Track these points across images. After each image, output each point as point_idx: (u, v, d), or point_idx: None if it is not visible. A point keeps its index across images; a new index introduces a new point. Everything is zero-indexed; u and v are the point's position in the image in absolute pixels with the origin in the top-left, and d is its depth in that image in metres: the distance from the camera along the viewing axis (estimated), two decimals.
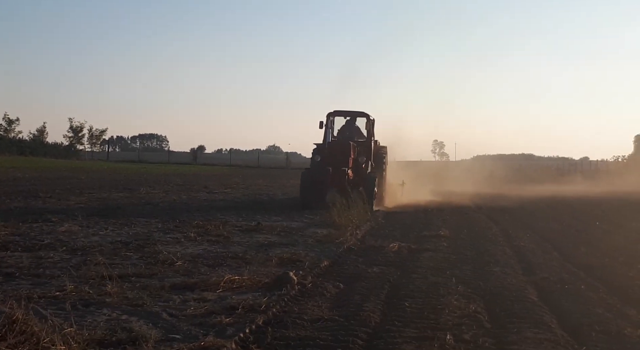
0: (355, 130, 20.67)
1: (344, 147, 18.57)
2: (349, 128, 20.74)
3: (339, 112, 20.48)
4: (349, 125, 20.78)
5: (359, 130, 20.62)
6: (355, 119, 20.76)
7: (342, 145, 18.83)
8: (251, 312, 6.05)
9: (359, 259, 9.41)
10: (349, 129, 20.69)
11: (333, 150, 18.54)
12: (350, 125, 20.77)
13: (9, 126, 64.19)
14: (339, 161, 17.92)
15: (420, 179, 26.14)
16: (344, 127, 20.84)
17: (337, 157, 18.07)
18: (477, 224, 15.35)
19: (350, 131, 20.60)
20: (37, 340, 4.61)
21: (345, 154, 18.30)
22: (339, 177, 17.53)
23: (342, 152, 18.34)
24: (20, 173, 30.14)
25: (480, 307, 6.52)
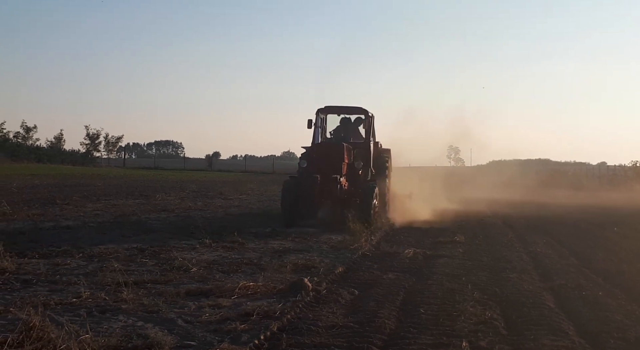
0: (352, 130, 17.20)
1: (335, 150, 14.93)
2: (344, 128, 17.24)
3: (331, 108, 16.85)
4: (344, 125, 17.28)
5: (357, 131, 17.10)
6: (352, 118, 17.37)
7: (333, 147, 15.26)
8: (266, 319, 6.06)
9: (374, 265, 9.38)
10: (345, 129, 17.19)
11: (322, 154, 14.90)
12: (345, 125, 17.27)
13: (27, 134, 64.98)
14: (329, 167, 14.52)
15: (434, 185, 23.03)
16: (339, 127, 17.40)
17: (327, 163, 14.61)
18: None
19: (345, 132, 17.11)
20: (53, 347, 4.65)
21: (337, 158, 14.73)
22: (329, 187, 14.24)
23: (334, 156, 14.76)
24: (38, 180, 30.47)
25: (497, 314, 6.47)
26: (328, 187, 14.24)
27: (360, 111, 16.67)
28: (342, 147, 14.93)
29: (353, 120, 17.27)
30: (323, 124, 16.96)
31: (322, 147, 15.47)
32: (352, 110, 16.90)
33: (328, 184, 14.23)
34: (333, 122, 17.60)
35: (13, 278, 7.70)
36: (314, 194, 14.11)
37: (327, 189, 14.23)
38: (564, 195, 30.78)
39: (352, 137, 16.80)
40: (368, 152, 16.10)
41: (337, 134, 17.16)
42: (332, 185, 14.28)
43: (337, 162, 14.68)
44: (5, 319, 5.67)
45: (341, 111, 17.11)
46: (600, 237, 13.90)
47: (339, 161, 14.71)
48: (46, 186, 26.36)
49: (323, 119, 16.91)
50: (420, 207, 17.93)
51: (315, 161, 14.82)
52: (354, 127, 17.16)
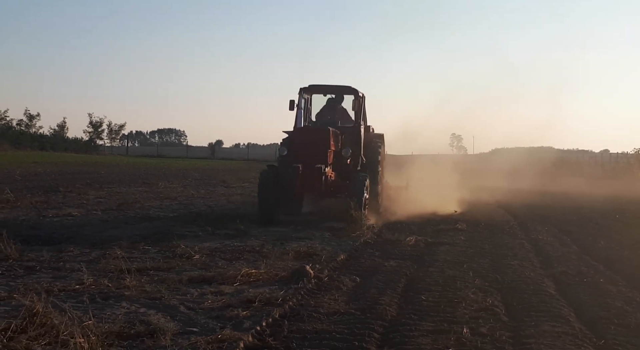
0: (340, 112, 15.05)
1: (319, 136, 12.96)
2: (331, 110, 15.04)
3: (316, 87, 14.78)
4: (331, 107, 15.07)
5: (346, 114, 14.98)
6: (340, 98, 15.10)
7: (316, 132, 13.34)
8: (268, 306, 6.09)
9: (376, 253, 9.41)
10: (331, 112, 15.00)
11: (304, 141, 12.89)
12: (332, 107, 15.06)
13: (30, 122, 64.99)
14: (312, 155, 12.57)
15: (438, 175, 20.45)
16: (324, 109, 15.15)
17: (310, 150, 12.63)
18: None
19: (332, 114, 14.93)
20: (56, 333, 4.68)
21: (321, 144, 12.76)
22: (312, 179, 12.35)
23: (317, 143, 12.77)
24: (41, 168, 30.53)
25: (498, 301, 6.50)
26: (311, 179, 12.33)
27: (349, 91, 14.58)
28: (327, 132, 12.93)
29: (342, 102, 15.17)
30: (307, 105, 14.88)
31: (304, 132, 13.40)
32: (340, 89, 14.83)
33: (311, 174, 12.32)
34: (320, 104, 15.42)
35: (16, 265, 7.74)
36: (295, 186, 12.30)
37: (309, 181, 12.33)
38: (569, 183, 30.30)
39: (340, 120, 14.73)
40: (358, 138, 14.04)
41: (323, 116, 14.99)
42: (315, 177, 12.34)
43: (321, 150, 12.71)
44: (9, 305, 5.72)
45: (327, 91, 15.00)
46: (602, 225, 13.91)
47: (323, 148, 12.75)
48: (49, 174, 26.42)
49: (307, 100, 14.80)
50: (418, 199, 16.02)
51: (296, 148, 12.90)
52: (342, 109, 15.05)
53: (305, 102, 14.64)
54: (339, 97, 15.00)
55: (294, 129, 13.52)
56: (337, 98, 15.01)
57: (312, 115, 15.13)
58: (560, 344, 5.11)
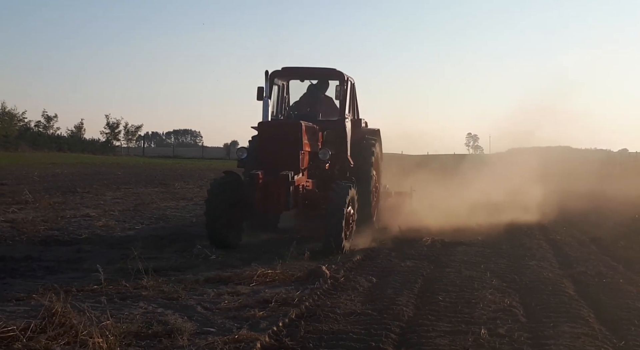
0: (324, 103, 11.78)
1: (288, 132, 9.89)
2: (311, 100, 11.78)
3: (290, 70, 11.61)
4: (311, 96, 11.82)
5: (332, 105, 11.66)
6: (324, 84, 11.90)
7: (284, 127, 10.22)
8: (284, 306, 6.09)
9: (392, 253, 9.37)
10: (312, 102, 11.73)
11: (269, 139, 9.87)
12: (313, 96, 11.82)
13: (48, 123, 65.58)
14: (279, 158, 9.59)
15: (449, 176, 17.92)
16: (303, 99, 11.93)
17: (275, 152, 9.68)
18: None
19: (313, 105, 11.66)
20: (75, 333, 4.72)
21: (291, 144, 9.73)
22: (276, 190, 9.28)
23: (286, 142, 9.75)
24: (59, 169, 30.82)
25: (516, 301, 6.44)
26: (274, 190, 9.25)
27: (332, 75, 11.45)
28: (298, 128, 9.80)
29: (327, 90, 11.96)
30: (282, 94, 11.73)
31: (269, 128, 10.04)
32: (321, 73, 11.70)
33: (274, 184, 9.24)
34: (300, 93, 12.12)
35: (36, 265, 7.82)
36: (254, 201, 9.34)
37: (272, 193, 9.26)
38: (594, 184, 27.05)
39: (323, 112, 11.49)
40: (343, 135, 11.02)
41: (300, 108, 11.68)
42: (279, 187, 9.22)
43: (290, 151, 9.63)
44: (29, 305, 5.77)
45: (305, 75, 11.80)
46: (620, 225, 13.74)
47: (293, 149, 9.66)
48: (67, 175, 26.65)
49: (282, 87, 11.72)
50: (427, 210, 12.98)
51: (260, 150, 9.85)
52: (326, 98, 11.83)
53: (279, 89, 11.58)
54: (323, 84, 11.82)
55: (258, 124, 10.09)
56: (320, 85, 11.81)
57: (289, 106, 11.90)
58: (580, 345, 5.05)
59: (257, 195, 9.27)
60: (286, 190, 9.24)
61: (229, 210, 9.38)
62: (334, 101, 11.61)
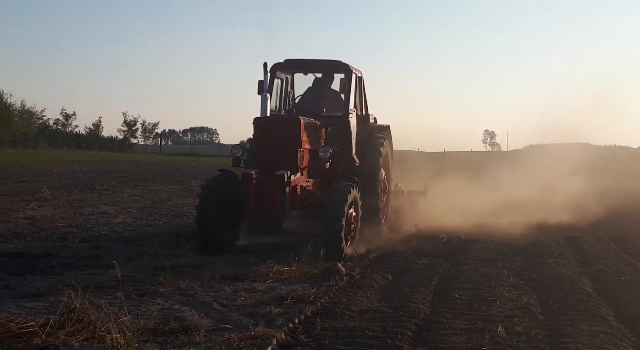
0: (329, 98, 11.04)
1: (286, 129, 9.37)
2: (315, 94, 11.13)
3: (292, 62, 10.95)
4: (316, 90, 11.17)
5: (339, 100, 10.84)
6: (330, 78, 11.19)
7: (282, 124, 9.69)
8: (300, 303, 6.10)
9: (408, 250, 9.34)
10: (316, 97, 11.06)
11: (266, 136, 9.36)
12: (318, 90, 11.15)
13: (66, 121, 66.33)
14: (276, 157, 9.10)
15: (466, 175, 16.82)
16: (307, 93, 11.28)
17: (273, 149, 9.18)
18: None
19: (317, 100, 10.97)
20: (93, 329, 4.78)
21: (288, 141, 9.21)
22: (271, 191, 8.74)
23: (283, 139, 9.21)
24: (77, 166, 31.10)
25: (533, 299, 6.40)
26: (270, 191, 8.70)
27: (338, 67, 10.80)
28: (296, 124, 9.27)
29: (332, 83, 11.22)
30: (286, 88, 11.13)
31: (266, 124, 9.48)
32: (326, 65, 11.01)
33: (269, 185, 8.69)
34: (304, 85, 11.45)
35: (54, 262, 7.92)
36: (247, 202, 8.77)
37: (267, 194, 8.71)
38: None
39: (327, 108, 10.73)
40: (347, 131, 10.35)
41: (304, 103, 11.11)
42: (274, 188, 8.68)
43: (288, 149, 9.13)
44: (48, 301, 5.84)
45: (308, 68, 11.14)
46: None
47: (291, 147, 9.15)
48: (85, 172, 26.89)
49: (285, 82, 11.11)
50: (442, 210, 12.53)
51: (257, 147, 9.46)
52: (332, 93, 11.10)
53: (282, 84, 10.98)
54: (328, 77, 11.17)
55: (254, 120, 9.44)
56: (325, 78, 11.16)
57: (290, 100, 11.24)
58: (598, 343, 5.01)
59: (251, 196, 8.65)
60: (282, 190, 8.63)
61: (222, 213, 8.77)
62: (340, 96, 10.78)
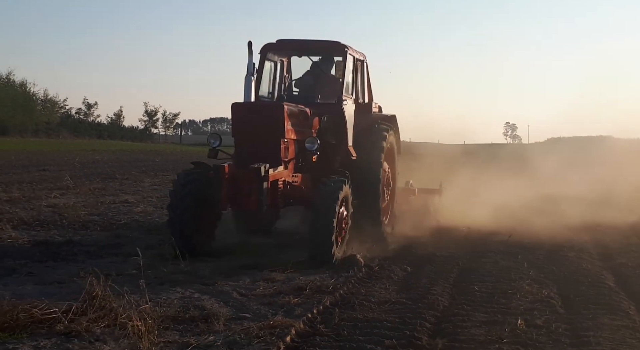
0: (328, 83, 9.77)
1: (267, 116, 8.28)
2: (311, 80, 9.96)
3: (285, 43, 9.73)
4: (312, 75, 10.00)
5: (338, 86, 9.33)
6: (329, 61, 10.00)
7: (263, 110, 8.52)
8: (318, 293, 6.12)
9: (427, 242, 9.30)
10: (311, 82, 9.93)
11: (246, 124, 8.30)
12: (315, 75, 9.98)
13: (88, 110, 66.97)
14: (256, 148, 8.12)
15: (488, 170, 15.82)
16: (303, 79, 10.13)
17: (253, 139, 8.20)
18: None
19: (312, 86, 9.89)
20: (115, 316, 4.84)
21: (270, 130, 8.16)
22: (247, 186, 7.71)
23: (265, 128, 8.16)
24: (99, 156, 31.43)
25: (554, 292, 6.35)
26: (246, 187, 7.68)
27: (335, 49, 9.57)
28: (278, 111, 8.23)
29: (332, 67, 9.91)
30: (280, 72, 9.93)
31: (243, 110, 8.29)
32: (322, 47, 9.78)
33: (245, 179, 7.68)
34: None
35: (77, 249, 8.01)
36: (219, 199, 7.76)
37: (243, 191, 7.72)
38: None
39: (324, 94, 9.68)
40: (341, 120, 9.13)
41: (300, 88, 10.09)
42: (250, 184, 7.64)
43: (270, 139, 8.11)
44: (70, 288, 5.91)
45: (303, 49, 9.95)
46: None
47: (273, 137, 8.12)
48: (106, 161, 27.16)
49: (279, 65, 9.92)
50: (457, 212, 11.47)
51: (236, 137, 8.39)
52: (331, 78, 9.83)
53: (275, 67, 9.82)
54: (327, 61, 9.98)
55: (231, 106, 8.31)
56: (324, 62, 9.98)
57: (286, 85, 10.08)
58: (620, 337, 4.96)
59: (224, 192, 7.66)
60: (259, 187, 7.56)
61: (197, 212, 7.77)
62: (340, 82, 9.32)
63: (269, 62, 9.60)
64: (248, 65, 8.40)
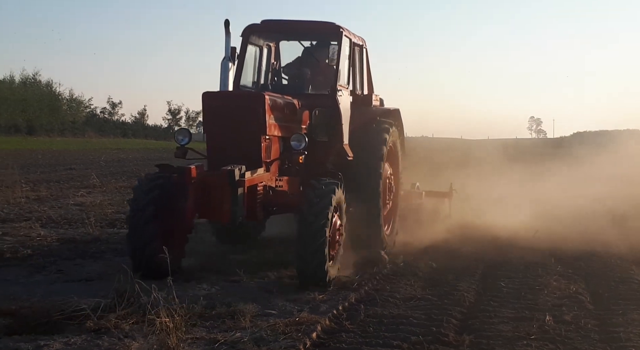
0: (321, 71, 8.50)
1: (245, 109, 6.99)
2: (302, 67, 8.66)
3: (271, 25, 8.45)
4: (304, 62, 8.71)
5: (329, 70, 8.24)
6: (323, 47, 8.52)
7: (240, 101, 7.22)
8: (344, 290, 6.13)
9: (453, 238, 9.23)
10: (302, 70, 8.62)
11: (217, 118, 7.04)
12: (306, 61, 8.70)
13: (113, 109, 67.83)
14: (231, 147, 6.91)
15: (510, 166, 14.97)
16: (292, 65, 8.85)
17: (227, 137, 6.96)
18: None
19: (302, 74, 8.59)
20: (143, 313, 4.90)
21: (247, 125, 6.94)
22: (216, 192, 6.46)
23: (241, 123, 6.97)
24: (124, 154, 31.81)
25: (582, 288, 6.28)
26: (216, 194, 6.42)
27: (326, 31, 8.35)
28: (258, 101, 6.94)
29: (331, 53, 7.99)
30: (268, 59, 8.70)
31: (216, 101, 7.03)
32: (310, 29, 8.58)
33: (213, 184, 6.45)
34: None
35: (104, 247, 8.12)
36: (184, 208, 6.46)
37: (213, 198, 6.46)
38: None
39: (317, 84, 8.50)
40: (335, 114, 7.89)
41: (290, 76, 8.79)
42: (221, 189, 6.37)
43: (248, 136, 6.90)
44: (98, 286, 5.99)
45: (292, 32, 8.68)
46: None
47: (252, 133, 6.90)
48: (132, 160, 27.46)
49: (266, 51, 8.67)
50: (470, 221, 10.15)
51: (207, 133, 7.15)
52: (326, 68, 8.42)
53: (260, 53, 8.60)
54: (321, 46, 8.64)
55: (202, 96, 7.02)
56: (317, 48, 8.73)
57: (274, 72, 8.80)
58: None
59: (190, 200, 6.39)
60: (231, 192, 6.28)
61: (162, 224, 6.44)
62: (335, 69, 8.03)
63: (252, 46, 8.36)
64: (225, 48, 7.21)
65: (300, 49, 8.81)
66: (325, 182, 6.64)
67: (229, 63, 7.22)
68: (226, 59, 7.22)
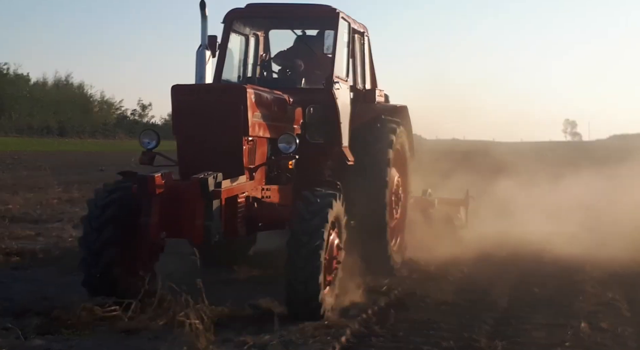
0: (317, 63, 7.45)
1: (222, 105, 5.81)
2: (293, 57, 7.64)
3: (257, 9, 7.46)
4: (296, 52, 7.73)
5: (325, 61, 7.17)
6: (318, 36, 7.64)
7: (216, 96, 5.92)
8: (373, 294, 6.07)
9: (485, 243, 9.09)
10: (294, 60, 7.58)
11: (188, 116, 5.89)
12: (299, 52, 7.71)
13: (143, 111, 68.59)
14: (206, 151, 5.81)
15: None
16: (284, 56, 7.80)
17: (201, 138, 5.83)
18: None
19: (294, 66, 7.55)
20: (173, 314, 4.90)
21: (226, 125, 5.80)
22: (186, 209, 5.27)
23: (218, 122, 5.79)
24: None
25: (619, 295, 6.13)
26: (189, 209, 5.29)
27: (320, 16, 7.40)
28: (239, 96, 5.83)
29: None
30: (255, 50, 7.84)
31: (186, 96, 5.92)
32: (302, 13, 7.56)
33: (187, 198, 5.31)
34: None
35: None
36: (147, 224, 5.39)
37: (184, 214, 5.33)
38: None
39: (310, 78, 7.48)
40: (331, 112, 6.94)
41: (281, 68, 7.81)
42: (190, 204, 5.28)
43: (226, 138, 5.85)
44: None
45: (281, 18, 7.74)
46: None
47: (230, 133, 5.85)
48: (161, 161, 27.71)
49: (252, 40, 7.81)
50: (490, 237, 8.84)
51: (177, 134, 6.18)
52: (321, 59, 7.35)
53: (247, 43, 7.72)
54: (317, 35, 7.71)
55: (171, 89, 5.92)
56: (312, 37, 7.83)
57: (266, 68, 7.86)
58: None
59: (154, 214, 5.29)
60: (204, 205, 5.22)
61: (123, 245, 5.55)
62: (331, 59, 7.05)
63: (237, 35, 7.44)
64: (202, 35, 6.26)
65: (292, 38, 7.79)
66: (321, 193, 5.58)
67: (206, 52, 6.29)
68: (202, 47, 6.27)
